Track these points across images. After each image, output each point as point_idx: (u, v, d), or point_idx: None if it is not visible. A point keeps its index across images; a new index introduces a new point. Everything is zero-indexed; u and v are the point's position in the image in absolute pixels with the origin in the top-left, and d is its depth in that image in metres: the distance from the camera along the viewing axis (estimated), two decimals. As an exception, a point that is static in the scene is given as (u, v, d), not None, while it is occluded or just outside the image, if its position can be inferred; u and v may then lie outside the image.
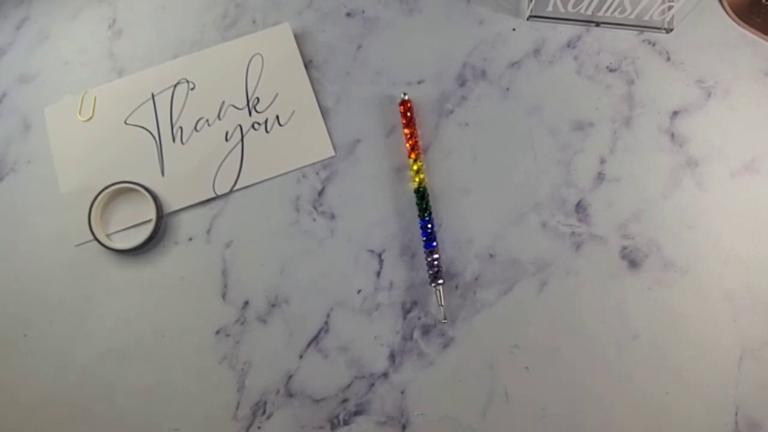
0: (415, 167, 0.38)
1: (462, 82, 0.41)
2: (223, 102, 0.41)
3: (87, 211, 0.38)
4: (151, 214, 0.38)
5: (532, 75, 0.41)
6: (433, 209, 0.38)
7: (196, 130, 0.40)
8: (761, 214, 0.38)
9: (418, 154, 0.38)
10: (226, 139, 0.40)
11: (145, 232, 0.38)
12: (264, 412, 0.36)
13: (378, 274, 0.38)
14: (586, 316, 0.36)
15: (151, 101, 0.41)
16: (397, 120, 0.40)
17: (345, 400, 0.36)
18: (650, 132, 0.39)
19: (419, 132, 0.39)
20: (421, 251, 0.38)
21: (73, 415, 0.37)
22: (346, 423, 0.36)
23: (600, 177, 0.39)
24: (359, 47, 0.42)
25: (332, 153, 0.40)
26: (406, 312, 0.37)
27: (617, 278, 0.37)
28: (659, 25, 0.41)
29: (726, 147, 0.39)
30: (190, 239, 0.39)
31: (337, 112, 0.41)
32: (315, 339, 0.37)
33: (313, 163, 0.40)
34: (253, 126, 0.40)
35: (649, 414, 0.35)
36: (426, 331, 0.37)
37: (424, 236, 0.37)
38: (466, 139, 0.40)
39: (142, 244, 0.38)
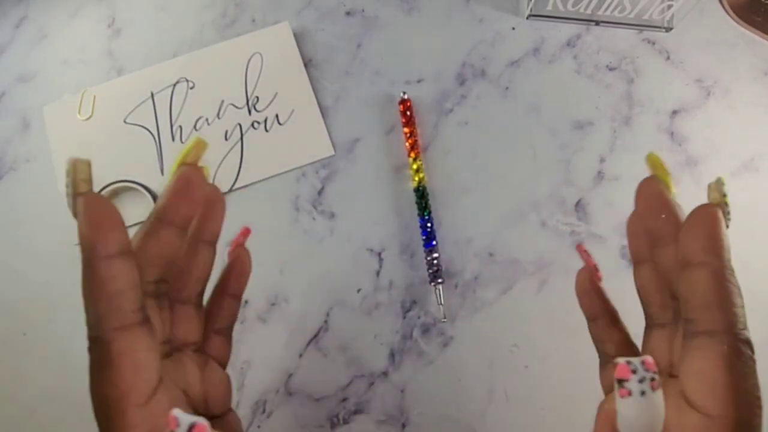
0: (414, 166, 0.38)
1: (461, 81, 0.41)
2: (223, 101, 0.41)
3: (86, 210, 0.38)
4: (151, 213, 0.38)
5: (531, 74, 0.41)
6: (432, 208, 0.38)
7: (196, 129, 0.40)
8: (761, 214, 0.38)
9: (418, 153, 0.38)
10: (226, 138, 0.40)
11: (145, 231, 0.38)
12: (264, 410, 0.36)
13: (377, 273, 0.38)
14: (585, 315, 0.36)
15: (150, 100, 0.41)
16: (397, 119, 0.40)
17: (345, 399, 0.36)
18: (650, 131, 0.39)
19: (419, 131, 0.39)
20: (421, 250, 0.38)
21: (72, 415, 0.37)
22: (345, 422, 0.36)
23: (599, 176, 0.39)
24: (359, 46, 0.42)
25: (332, 152, 0.40)
26: (406, 311, 0.37)
27: (617, 277, 0.37)
28: (659, 24, 0.41)
29: (725, 146, 0.39)
30: (190, 238, 0.39)
31: (336, 111, 0.41)
32: (315, 338, 0.37)
33: (313, 162, 0.40)
34: (252, 125, 0.40)
35: (648, 413, 0.35)
36: (425, 330, 0.37)
37: (423, 235, 0.37)
38: (465, 138, 0.40)
39: (142, 243, 0.37)
